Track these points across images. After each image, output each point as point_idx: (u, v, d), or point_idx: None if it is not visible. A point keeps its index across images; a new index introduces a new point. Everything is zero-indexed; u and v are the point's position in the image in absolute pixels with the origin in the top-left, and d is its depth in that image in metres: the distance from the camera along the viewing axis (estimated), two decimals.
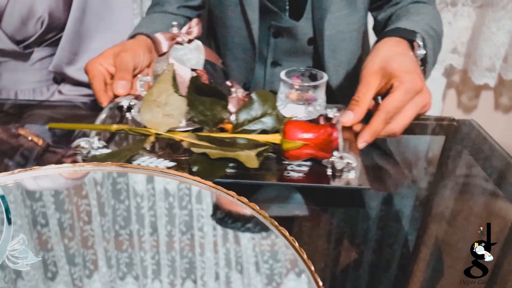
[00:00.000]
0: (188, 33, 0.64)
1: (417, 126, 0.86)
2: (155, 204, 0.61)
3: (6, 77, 1.10)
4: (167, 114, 0.63)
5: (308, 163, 0.65)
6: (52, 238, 0.53)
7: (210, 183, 0.59)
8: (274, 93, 0.69)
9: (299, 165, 0.64)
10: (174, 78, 0.66)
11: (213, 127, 0.68)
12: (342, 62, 1.00)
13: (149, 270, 0.51)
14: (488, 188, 0.71)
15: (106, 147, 0.67)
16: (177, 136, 0.65)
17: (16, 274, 0.48)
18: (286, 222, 0.54)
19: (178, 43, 0.67)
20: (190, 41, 0.64)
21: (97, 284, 0.49)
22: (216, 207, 0.60)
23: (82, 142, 0.66)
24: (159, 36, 0.66)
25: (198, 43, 0.65)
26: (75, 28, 1.06)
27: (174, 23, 0.64)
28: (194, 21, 0.66)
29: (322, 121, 0.67)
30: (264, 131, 0.67)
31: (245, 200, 0.57)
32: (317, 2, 0.94)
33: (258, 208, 0.55)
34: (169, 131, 0.66)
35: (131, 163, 0.65)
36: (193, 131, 0.68)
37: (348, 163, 0.62)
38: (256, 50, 0.99)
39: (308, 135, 0.60)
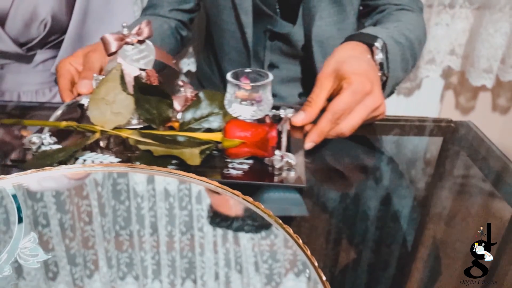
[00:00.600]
0: (138, 34, 0.65)
1: (415, 127, 0.86)
2: (155, 204, 0.61)
3: (9, 79, 1.10)
4: (115, 112, 0.64)
5: (250, 161, 0.66)
6: (53, 238, 0.53)
7: (216, 183, 0.59)
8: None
9: (241, 163, 0.66)
10: (122, 77, 0.67)
11: (160, 125, 0.70)
12: None
13: (149, 270, 0.51)
14: (485, 189, 0.71)
15: (57, 143, 0.68)
16: (122, 134, 0.66)
17: (18, 274, 0.48)
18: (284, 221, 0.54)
19: (127, 43, 0.68)
20: (141, 42, 0.65)
21: (97, 284, 0.49)
22: (216, 209, 0.60)
23: (34, 137, 0.67)
24: (108, 37, 0.67)
25: (149, 43, 0.66)
26: (77, 31, 1.06)
27: (124, 24, 0.65)
28: (144, 22, 0.67)
29: (268, 121, 0.68)
30: (211, 130, 0.68)
31: (250, 199, 0.57)
32: (306, 9, 0.94)
33: (262, 207, 0.56)
34: (116, 128, 0.67)
35: (76, 158, 0.66)
36: (144, 128, 0.69)
37: (288, 162, 0.63)
38: (250, 54, 1.00)
39: (246, 134, 0.62)
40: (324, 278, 0.47)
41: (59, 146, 0.69)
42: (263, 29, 1.01)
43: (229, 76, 0.65)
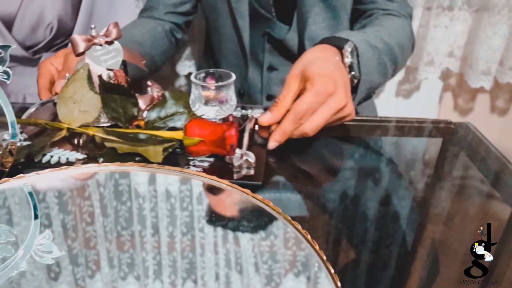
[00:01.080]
0: (106, 35, 0.66)
1: (414, 128, 0.86)
2: (156, 205, 0.61)
3: (14, 81, 1.10)
4: (82, 111, 0.65)
5: (211, 159, 0.67)
6: (56, 238, 0.53)
7: (226, 182, 0.61)
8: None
9: (201, 161, 0.67)
10: (89, 77, 0.68)
11: (126, 123, 0.71)
12: None
13: (150, 270, 0.51)
14: (484, 190, 0.71)
15: (27, 139, 0.69)
16: (88, 131, 0.67)
17: (20, 274, 0.47)
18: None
19: (95, 44, 0.68)
20: (109, 43, 0.66)
21: (99, 284, 0.49)
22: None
23: (5, 134, 0.67)
24: (76, 38, 0.68)
25: (117, 45, 0.67)
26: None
27: (92, 26, 0.66)
28: (112, 24, 0.67)
29: (231, 120, 0.68)
30: (176, 129, 0.70)
31: (260, 197, 0.58)
32: (299, 14, 0.95)
33: (271, 204, 0.57)
34: (83, 126, 0.69)
35: (44, 154, 0.67)
36: (112, 127, 0.71)
37: (247, 160, 0.65)
38: (247, 57, 1.00)
39: (205, 132, 0.64)
40: (332, 271, 0.48)
41: (29, 143, 0.70)
42: (261, 32, 1.01)
43: (193, 77, 0.66)
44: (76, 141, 0.73)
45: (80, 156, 0.69)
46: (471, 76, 1.49)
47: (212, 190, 0.62)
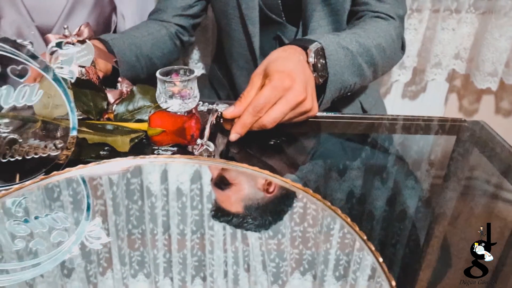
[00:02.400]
0: (78, 34, 0.68)
1: (429, 126, 0.86)
2: (167, 203, 0.61)
3: None
4: (56, 104, 0.64)
5: (174, 148, 0.70)
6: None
7: (267, 171, 0.62)
8: None
9: (165, 150, 0.69)
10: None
11: (96, 116, 0.73)
12: None
13: (160, 268, 0.50)
14: (501, 186, 0.70)
15: (13, 132, 0.69)
16: (61, 123, 0.67)
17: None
18: None
19: (68, 43, 0.71)
20: (81, 42, 0.69)
21: (110, 281, 0.48)
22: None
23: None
24: (50, 37, 0.71)
25: (89, 43, 0.70)
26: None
27: (65, 26, 0.68)
28: (84, 24, 0.70)
29: (194, 112, 0.71)
30: (143, 121, 0.72)
31: (300, 185, 0.59)
32: (305, 18, 0.95)
33: (311, 192, 0.58)
34: (56, 118, 0.68)
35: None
36: (84, 119, 0.73)
37: (206, 149, 0.68)
38: (258, 61, 1.00)
39: (167, 123, 0.67)
40: (381, 260, 0.48)
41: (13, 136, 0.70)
42: (273, 36, 1.01)
43: (158, 73, 0.68)
44: (46, 132, 0.72)
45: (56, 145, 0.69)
46: (478, 78, 1.47)
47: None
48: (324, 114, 0.86)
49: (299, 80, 0.73)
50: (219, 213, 0.59)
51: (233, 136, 0.73)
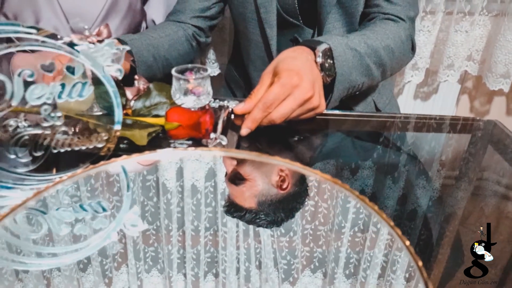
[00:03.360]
0: (98, 34, 0.69)
1: (443, 125, 0.85)
2: (182, 200, 0.60)
3: None
4: (78, 101, 0.64)
5: (189, 141, 0.71)
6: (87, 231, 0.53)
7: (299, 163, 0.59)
8: None
9: (181, 143, 0.70)
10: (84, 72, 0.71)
11: None
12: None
13: (174, 263, 0.50)
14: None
15: (30, 126, 0.69)
16: (83, 118, 0.68)
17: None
18: None
19: (90, 42, 0.70)
20: (101, 41, 0.68)
21: (124, 276, 0.48)
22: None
23: (11, 121, 0.68)
24: (73, 36, 0.70)
25: (108, 42, 0.68)
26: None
27: (86, 26, 0.68)
28: (103, 25, 0.70)
29: (207, 108, 0.72)
30: (159, 117, 0.73)
31: (348, 186, 0.56)
32: (319, 21, 0.95)
33: (348, 186, 0.55)
34: (79, 114, 0.69)
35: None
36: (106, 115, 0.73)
37: (219, 143, 0.70)
38: None
39: (183, 118, 0.69)
40: (407, 243, 0.44)
41: (31, 129, 0.71)
42: (290, 37, 1.01)
43: (173, 71, 0.69)
44: (68, 127, 0.74)
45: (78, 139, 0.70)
46: (490, 79, 1.45)
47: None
48: (336, 112, 0.86)
49: (307, 78, 0.74)
50: (232, 208, 0.58)
51: (244, 131, 0.74)
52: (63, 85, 0.57)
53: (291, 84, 0.73)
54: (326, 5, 0.93)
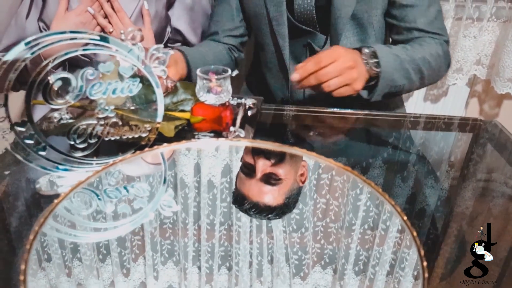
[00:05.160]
0: (132, 38, 0.71)
1: (445, 124, 0.86)
2: (199, 195, 0.59)
3: None
4: (114, 96, 0.67)
5: (211, 134, 0.73)
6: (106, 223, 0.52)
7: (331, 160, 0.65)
8: None
9: (204, 135, 0.73)
10: (119, 70, 0.72)
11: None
12: None
13: (189, 256, 0.49)
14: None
15: (72, 118, 0.70)
16: (118, 111, 0.70)
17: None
18: None
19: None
20: (134, 44, 0.70)
21: (141, 268, 0.47)
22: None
23: (55, 113, 0.68)
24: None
25: (140, 46, 0.71)
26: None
27: (122, 31, 0.70)
28: (136, 30, 0.71)
29: (227, 104, 0.75)
30: (184, 112, 0.77)
31: (356, 172, 0.56)
32: (333, 30, 0.98)
33: (374, 184, 0.53)
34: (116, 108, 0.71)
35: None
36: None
37: (238, 135, 0.72)
38: (288, 71, 1.03)
39: (206, 113, 0.72)
40: (415, 234, 0.45)
41: (72, 121, 0.71)
42: (303, 43, 1.02)
43: (198, 71, 0.74)
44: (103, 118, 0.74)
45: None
46: (498, 83, 1.41)
47: None
48: (347, 110, 0.88)
49: (350, 54, 0.81)
50: (259, 209, 0.56)
51: (295, 76, 0.79)
52: (117, 83, 0.62)
53: (337, 52, 0.79)
54: (341, 18, 0.96)
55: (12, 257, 0.48)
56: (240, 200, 0.59)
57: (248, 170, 0.66)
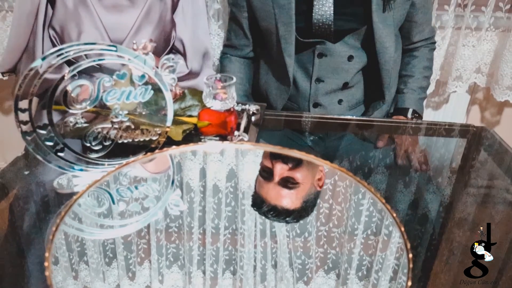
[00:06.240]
0: (143, 48, 0.73)
1: (438, 130, 0.86)
2: (204, 200, 0.58)
3: None
4: (126, 102, 0.68)
5: (217, 138, 0.74)
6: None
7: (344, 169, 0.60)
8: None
9: (210, 139, 0.74)
10: (131, 78, 0.74)
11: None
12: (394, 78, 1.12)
13: (194, 260, 0.48)
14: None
15: (87, 122, 0.70)
16: (130, 116, 0.71)
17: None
18: None
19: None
20: (146, 54, 0.72)
21: (146, 271, 0.46)
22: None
23: (71, 118, 0.69)
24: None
25: (151, 55, 0.73)
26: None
27: (134, 41, 0.73)
28: (148, 41, 0.73)
29: (232, 110, 0.77)
30: (192, 117, 0.78)
31: (351, 174, 0.56)
32: (379, 43, 0.98)
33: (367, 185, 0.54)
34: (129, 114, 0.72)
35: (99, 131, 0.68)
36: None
37: (242, 139, 0.73)
38: (291, 85, 1.03)
39: (212, 118, 0.74)
40: (403, 228, 0.45)
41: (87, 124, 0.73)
42: (311, 50, 1.00)
43: (205, 79, 0.76)
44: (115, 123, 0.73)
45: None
46: (497, 91, 1.40)
47: None
48: (350, 116, 0.91)
49: None
50: (277, 212, 0.55)
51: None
52: (131, 89, 0.64)
53: None
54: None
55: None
56: (259, 203, 0.58)
57: (266, 174, 0.65)
